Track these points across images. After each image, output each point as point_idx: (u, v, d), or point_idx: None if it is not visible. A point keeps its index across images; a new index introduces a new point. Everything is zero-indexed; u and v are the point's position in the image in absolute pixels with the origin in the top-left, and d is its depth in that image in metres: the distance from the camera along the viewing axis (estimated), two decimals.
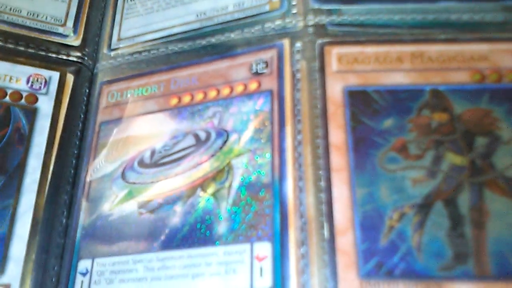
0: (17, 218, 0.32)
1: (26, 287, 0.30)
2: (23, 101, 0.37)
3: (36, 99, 0.37)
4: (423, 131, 0.29)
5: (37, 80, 0.38)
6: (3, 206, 0.32)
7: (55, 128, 0.36)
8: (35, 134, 0.36)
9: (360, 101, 0.30)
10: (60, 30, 0.41)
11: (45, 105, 0.37)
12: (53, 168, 0.35)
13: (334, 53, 0.32)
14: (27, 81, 0.37)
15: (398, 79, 0.31)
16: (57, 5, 0.41)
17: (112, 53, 0.39)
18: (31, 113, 0.36)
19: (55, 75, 0.38)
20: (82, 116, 0.38)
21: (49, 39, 0.40)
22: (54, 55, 0.40)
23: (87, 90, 0.39)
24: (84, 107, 0.39)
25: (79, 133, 0.38)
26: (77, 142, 0.37)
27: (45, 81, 0.38)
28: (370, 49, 0.32)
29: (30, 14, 0.40)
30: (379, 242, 0.25)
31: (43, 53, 0.39)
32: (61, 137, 0.36)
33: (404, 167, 0.27)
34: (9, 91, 0.36)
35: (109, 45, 0.40)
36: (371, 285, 0.24)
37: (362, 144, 0.28)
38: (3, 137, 0.35)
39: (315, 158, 0.28)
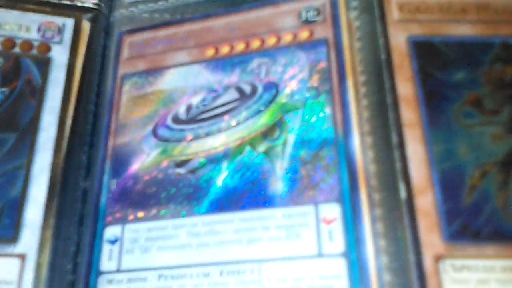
0: (31, 180, 0.28)
1: (44, 258, 0.26)
2: (34, 51, 0.32)
3: (49, 49, 0.32)
4: (497, 85, 0.26)
5: (50, 28, 0.33)
6: (15, 167, 0.28)
7: (71, 80, 0.32)
8: (49, 87, 0.31)
9: (426, 52, 0.27)
10: None
11: (59, 54, 0.32)
12: (71, 125, 0.31)
13: (394, 2, 0.29)
14: (38, 30, 0.33)
15: (465, 30, 0.28)
16: None
17: (131, 0, 0.35)
18: (44, 64, 0.32)
19: (69, 22, 0.34)
20: (99, 69, 0.34)
21: None
22: (67, 1, 0.35)
23: (104, 41, 0.35)
24: (100, 59, 0.35)
25: (96, 88, 0.34)
26: (95, 98, 0.33)
27: (59, 29, 0.33)
28: None
29: None
30: (461, 203, 0.23)
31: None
32: (78, 91, 0.32)
33: (481, 123, 0.25)
34: (18, 41, 0.32)
35: None
36: (457, 249, 0.22)
37: (434, 98, 0.25)
38: (13, 91, 0.30)
39: (383, 112, 0.25)
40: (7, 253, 0.26)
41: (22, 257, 0.26)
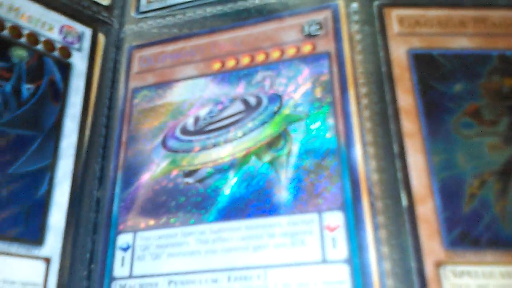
0: (55, 184, 0.29)
1: (66, 263, 0.27)
2: (56, 53, 0.33)
3: (70, 54, 0.33)
4: (495, 96, 0.27)
5: (70, 33, 0.34)
6: (41, 167, 0.29)
7: (89, 90, 0.33)
8: (71, 93, 0.32)
9: (426, 64, 0.28)
10: None
11: (79, 62, 0.34)
12: (89, 135, 0.32)
13: (394, 15, 0.30)
14: (60, 31, 0.34)
15: (463, 43, 0.29)
16: None
17: (141, 16, 0.37)
18: (65, 68, 0.33)
19: (88, 32, 0.35)
20: (110, 82, 0.35)
21: None
22: (88, 11, 0.36)
23: (114, 55, 0.37)
24: (111, 73, 0.36)
25: (107, 101, 0.35)
26: (106, 111, 0.34)
27: (78, 36, 0.34)
28: (432, 13, 0.30)
29: None
30: (461, 210, 0.23)
31: (75, 5, 0.36)
32: (95, 101, 0.33)
33: (479, 133, 0.26)
34: (41, 39, 0.32)
35: (137, 7, 0.37)
36: (457, 255, 0.22)
37: (434, 109, 0.26)
38: (38, 89, 0.31)
39: (385, 122, 0.26)
40: (34, 255, 0.26)
41: (47, 260, 0.27)
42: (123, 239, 0.28)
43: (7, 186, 0.27)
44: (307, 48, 0.30)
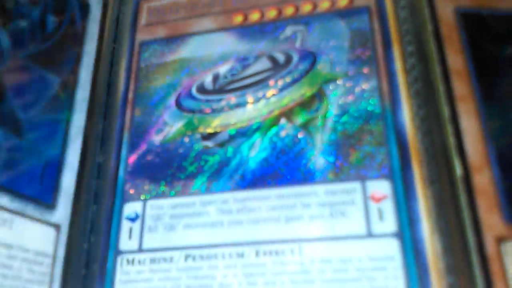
0: (69, 140, 0.25)
1: (74, 233, 0.24)
2: None
3: None
4: None
5: None
6: (57, 119, 0.25)
7: (102, 38, 0.29)
8: (88, 39, 0.28)
9: (475, 24, 0.25)
10: None
11: (95, 4, 0.30)
12: (97, 90, 0.28)
13: None
14: None
15: (510, 3, 0.27)
16: None
17: None
18: (85, 9, 0.29)
19: None
20: (112, 35, 0.31)
21: None
22: None
23: (118, 7, 0.33)
24: (114, 25, 0.32)
25: (110, 56, 0.31)
26: (109, 66, 0.30)
27: None
28: None
29: None
30: None
31: None
32: (104, 53, 0.29)
33: None
34: None
35: None
36: None
37: (486, 72, 0.24)
38: (61, 25, 0.26)
39: (434, 84, 0.23)
40: (46, 220, 0.23)
41: (58, 227, 0.23)
42: (130, 208, 0.25)
43: (26, 134, 0.23)
44: (343, 2, 0.27)
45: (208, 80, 0.27)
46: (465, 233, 0.20)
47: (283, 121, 0.24)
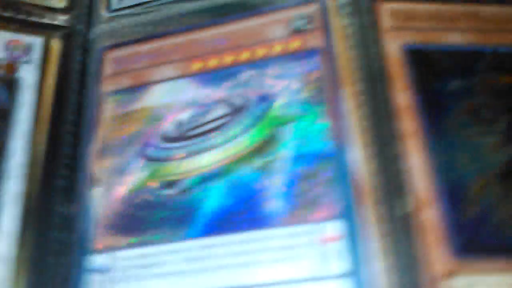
0: (1, 210, 0.26)
1: None
2: (1, 71, 0.30)
3: (16, 69, 0.30)
4: (493, 94, 0.26)
5: (17, 47, 0.32)
6: None
7: (42, 101, 0.30)
8: (18, 110, 0.29)
9: (421, 60, 0.26)
10: None
11: (27, 74, 0.31)
12: (46, 149, 0.29)
13: (385, 9, 0.28)
14: (6, 49, 0.31)
15: (456, 38, 0.28)
16: None
17: (112, 14, 0.34)
18: (11, 84, 0.30)
19: (38, 41, 0.32)
20: (77, 87, 0.32)
21: (31, 1, 0.34)
22: (35, 19, 0.33)
23: (82, 58, 0.34)
24: (79, 77, 0.33)
25: (75, 108, 0.32)
26: (73, 118, 0.31)
27: (25, 48, 0.31)
28: (421, 7, 0.29)
29: None
30: (466, 215, 0.22)
31: (24, 17, 0.33)
32: (52, 112, 0.30)
33: (479, 132, 0.24)
34: None
35: (108, 5, 0.34)
36: (467, 263, 0.21)
37: (433, 107, 0.25)
38: None
39: (383, 122, 0.24)
40: None
41: None
42: (99, 260, 0.25)
43: None
44: (295, 44, 0.28)
45: (170, 128, 0.28)
46: (416, 269, 0.21)
47: (241, 166, 0.25)
